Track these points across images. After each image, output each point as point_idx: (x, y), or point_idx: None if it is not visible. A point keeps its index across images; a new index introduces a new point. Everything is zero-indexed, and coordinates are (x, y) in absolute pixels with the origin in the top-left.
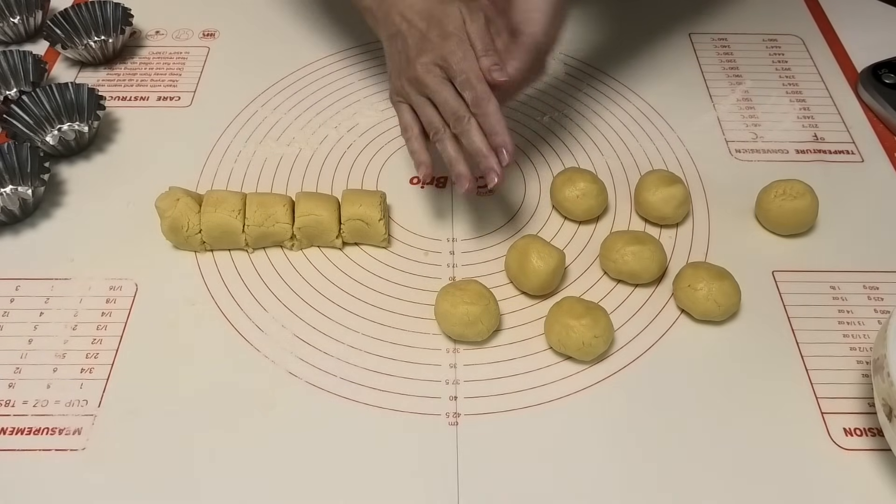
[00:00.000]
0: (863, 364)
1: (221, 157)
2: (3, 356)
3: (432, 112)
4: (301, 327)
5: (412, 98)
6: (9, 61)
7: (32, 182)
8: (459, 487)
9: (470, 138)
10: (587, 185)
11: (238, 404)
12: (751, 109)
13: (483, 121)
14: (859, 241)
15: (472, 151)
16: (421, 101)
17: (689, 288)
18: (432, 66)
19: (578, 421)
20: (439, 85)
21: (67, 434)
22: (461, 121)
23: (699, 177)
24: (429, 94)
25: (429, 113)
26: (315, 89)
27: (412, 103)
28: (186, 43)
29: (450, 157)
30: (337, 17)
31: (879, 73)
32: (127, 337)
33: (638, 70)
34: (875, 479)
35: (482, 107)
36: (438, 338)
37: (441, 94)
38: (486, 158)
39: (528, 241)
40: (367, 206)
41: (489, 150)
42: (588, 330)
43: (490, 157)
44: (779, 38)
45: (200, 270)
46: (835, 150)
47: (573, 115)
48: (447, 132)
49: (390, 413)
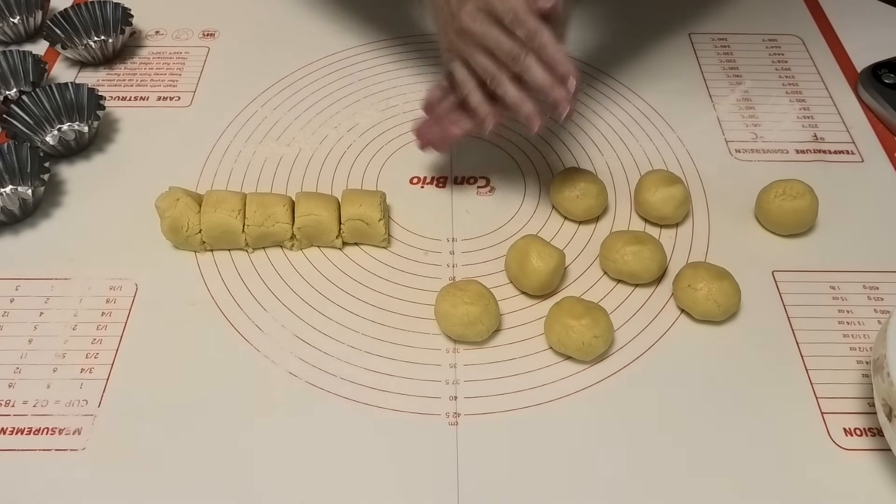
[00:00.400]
0: (863, 364)
1: (221, 157)
2: (3, 356)
3: (485, 59)
4: (301, 327)
5: (464, 51)
6: (9, 61)
7: (32, 182)
8: (459, 487)
9: (533, 73)
10: (587, 185)
11: (238, 404)
12: (751, 109)
13: (542, 53)
14: (859, 241)
15: (538, 86)
16: (473, 51)
17: (689, 288)
18: (477, 13)
19: (578, 421)
20: (488, 29)
21: (67, 434)
22: (519, 58)
23: (699, 177)
24: (480, 41)
25: (482, 60)
26: (315, 89)
27: (465, 56)
28: (186, 43)
29: (514, 98)
30: (337, 16)
31: (879, 73)
32: (127, 337)
33: (638, 70)
34: (875, 479)
35: (538, 39)
36: (438, 338)
37: (493, 37)
38: (553, 90)
39: (528, 241)
40: (367, 206)
41: (555, 81)
42: (588, 330)
43: (558, 88)
44: (779, 38)
45: (200, 270)
46: (835, 150)
47: (573, 115)
48: (505, 74)
49: (390, 413)
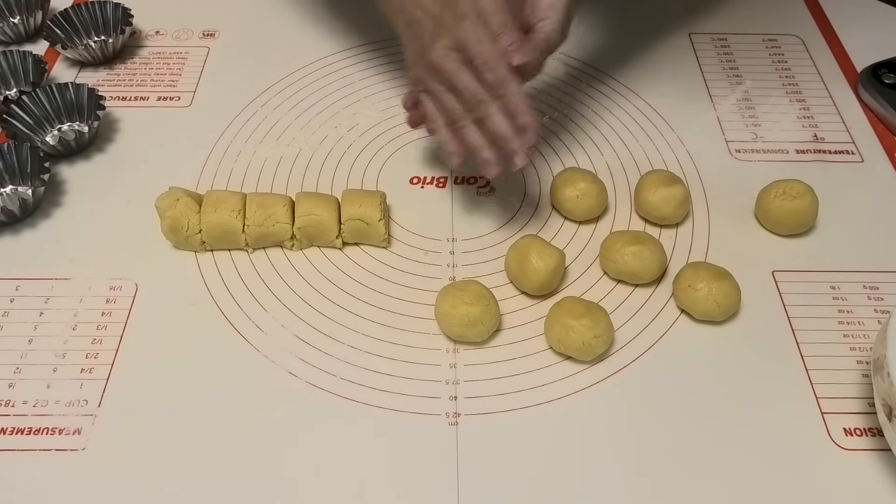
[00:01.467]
0: (863, 364)
1: (221, 157)
2: (3, 356)
3: (452, 99)
4: (301, 327)
5: (431, 86)
6: (9, 61)
7: (32, 182)
8: (459, 487)
9: (494, 122)
10: (587, 185)
11: (238, 404)
12: (751, 109)
13: (505, 102)
14: (859, 241)
15: (497, 135)
16: (439, 90)
17: (689, 288)
18: (449, 51)
19: (578, 421)
20: (458, 69)
21: (67, 434)
22: (483, 104)
23: (699, 177)
24: (448, 80)
25: (448, 100)
26: (315, 89)
27: (431, 91)
28: (186, 43)
29: (475, 143)
30: (337, 16)
31: (879, 73)
32: (127, 337)
33: (638, 70)
34: (875, 479)
35: (504, 88)
36: (438, 338)
37: (460, 79)
38: (511, 141)
39: (528, 241)
40: (367, 207)
41: (513, 132)
42: (588, 330)
43: (515, 140)
44: (779, 39)
45: (200, 270)
46: (835, 150)
47: (573, 115)
48: (468, 118)
49: (390, 413)
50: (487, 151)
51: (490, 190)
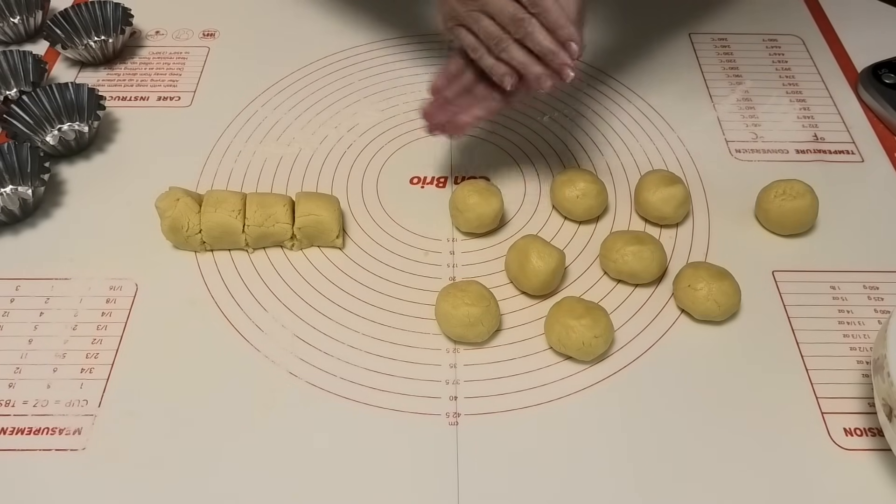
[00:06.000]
0: (863, 364)
1: (221, 157)
2: (3, 356)
3: (489, 23)
4: (301, 327)
5: (465, 17)
6: (9, 61)
7: (32, 182)
8: (459, 487)
9: (535, 38)
10: (587, 185)
11: (238, 404)
12: (751, 109)
13: (544, 18)
14: (859, 241)
15: (541, 51)
16: (475, 17)
17: (689, 288)
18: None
19: (578, 421)
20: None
21: (67, 434)
22: (522, 22)
23: (699, 177)
24: (482, 6)
25: (486, 24)
26: (315, 89)
27: (466, 22)
28: (186, 43)
29: (522, 61)
30: (337, 16)
31: (879, 73)
32: (127, 337)
33: (638, 70)
34: (875, 479)
35: (540, 4)
36: (438, 338)
37: (495, 2)
38: (556, 55)
39: (528, 241)
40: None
41: (557, 46)
42: (588, 330)
43: (561, 53)
44: (779, 38)
45: (200, 270)
46: (835, 150)
47: (573, 115)
48: (509, 39)
49: (390, 413)
50: (538, 66)
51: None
